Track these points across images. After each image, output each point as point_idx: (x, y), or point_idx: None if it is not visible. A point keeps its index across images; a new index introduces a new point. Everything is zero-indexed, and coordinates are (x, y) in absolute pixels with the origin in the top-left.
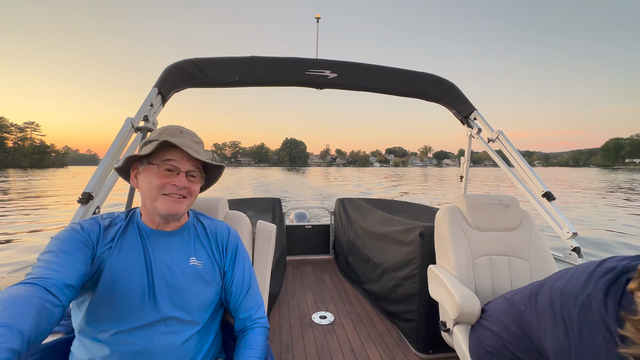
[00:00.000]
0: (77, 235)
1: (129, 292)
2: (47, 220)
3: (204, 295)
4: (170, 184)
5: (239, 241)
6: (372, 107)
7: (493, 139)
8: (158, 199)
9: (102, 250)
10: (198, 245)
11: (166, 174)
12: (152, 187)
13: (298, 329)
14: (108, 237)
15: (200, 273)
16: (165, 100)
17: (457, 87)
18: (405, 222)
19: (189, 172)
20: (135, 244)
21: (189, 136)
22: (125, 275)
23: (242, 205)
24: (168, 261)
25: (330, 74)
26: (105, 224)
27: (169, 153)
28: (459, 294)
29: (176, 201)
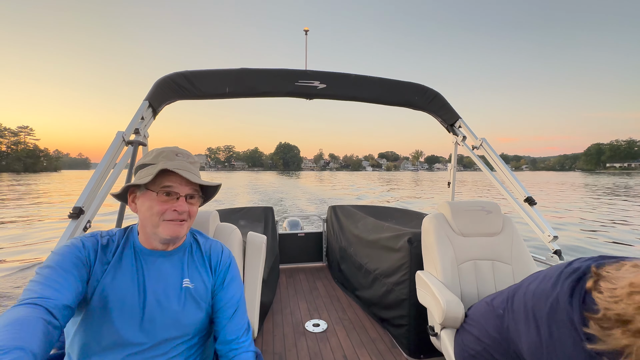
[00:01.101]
0: (78, 252)
1: (121, 315)
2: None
3: (196, 317)
4: (171, 210)
5: (232, 261)
6: (365, 112)
7: (477, 146)
8: (160, 225)
9: (98, 270)
10: (192, 266)
11: (166, 200)
12: (153, 213)
13: (291, 338)
14: (105, 257)
15: (192, 294)
16: (156, 112)
17: (442, 96)
18: (394, 228)
19: (188, 195)
20: (131, 265)
21: (185, 158)
22: (118, 297)
23: (234, 215)
24: (162, 282)
25: (319, 84)
26: (104, 242)
27: (167, 179)
28: (444, 299)
29: (177, 225)
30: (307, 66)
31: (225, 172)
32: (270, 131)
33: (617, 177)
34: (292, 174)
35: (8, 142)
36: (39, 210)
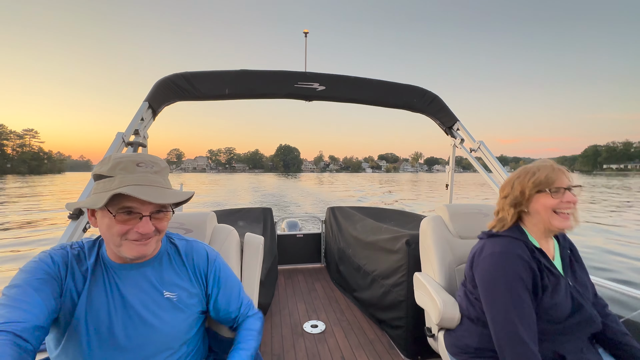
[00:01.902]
0: (47, 268)
1: (101, 335)
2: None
3: (183, 326)
4: (133, 231)
5: (218, 260)
6: (365, 114)
7: (475, 149)
8: (122, 245)
9: (71, 286)
10: (172, 274)
11: (126, 219)
12: (113, 233)
13: (290, 339)
14: (77, 273)
15: (176, 304)
16: (156, 114)
17: (441, 99)
18: (393, 230)
19: (153, 212)
20: (102, 281)
21: (148, 167)
22: (96, 316)
23: (233, 216)
24: (140, 296)
25: (318, 86)
26: (75, 255)
27: (125, 198)
28: (440, 300)
29: (143, 244)
30: (306, 68)
31: (226, 174)
32: (270, 133)
33: (612, 178)
34: (293, 176)
35: (13, 144)
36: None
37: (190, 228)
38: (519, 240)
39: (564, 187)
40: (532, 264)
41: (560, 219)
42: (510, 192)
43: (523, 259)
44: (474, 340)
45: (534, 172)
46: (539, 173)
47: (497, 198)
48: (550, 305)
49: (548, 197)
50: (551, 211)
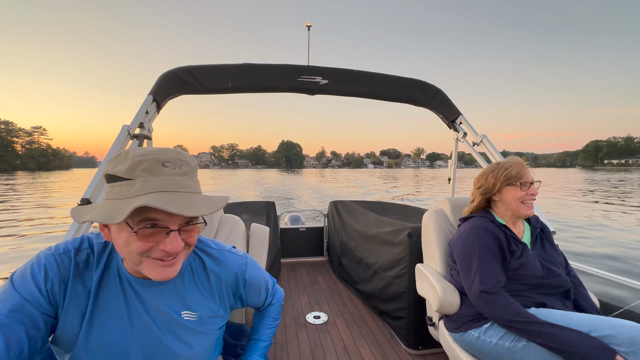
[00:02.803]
0: (37, 291)
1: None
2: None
3: (199, 350)
4: (158, 248)
5: (248, 268)
6: (367, 109)
7: (478, 143)
8: (143, 262)
9: (70, 304)
10: (193, 292)
11: (150, 234)
12: (132, 250)
13: (293, 329)
14: (80, 287)
15: (195, 327)
16: (160, 107)
17: (444, 93)
18: (395, 223)
19: (181, 224)
20: (116, 296)
21: (177, 167)
22: (104, 341)
23: (237, 209)
24: (157, 318)
25: (321, 80)
26: (80, 262)
27: (150, 209)
28: (440, 286)
29: (170, 264)
30: (309, 62)
31: (229, 170)
32: (272, 129)
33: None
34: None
35: (23, 141)
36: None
37: None
38: (486, 217)
39: (530, 181)
40: (497, 233)
41: (527, 207)
42: (484, 184)
43: (488, 230)
44: (467, 309)
45: (507, 168)
46: (511, 169)
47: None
48: (517, 265)
49: (517, 189)
50: (519, 201)
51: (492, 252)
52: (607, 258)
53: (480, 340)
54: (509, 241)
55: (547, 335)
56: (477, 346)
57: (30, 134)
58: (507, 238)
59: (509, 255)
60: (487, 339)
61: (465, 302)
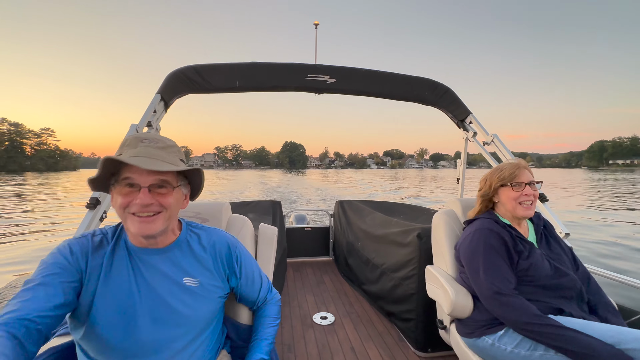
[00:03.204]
0: (64, 260)
1: (120, 319)
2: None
3: (203, 312)
4: (133, 203)
5: (239, 247)
6: (370, 110)
7: (488, 142)
8: (127, 218)
9: (90, 273)
10: (193, 262)
11: (128, 192)
12: (117, 207)
13: (299, 330)
14: (97, 260)
15: (196, 292)
16: (168, 106)
17: (453, 92)
18: (403, 224)
19: (152, 185)
20: (124, 265)
21: (152, 143)
22: (114, 301)
23: (243, 209)
24: (160, 282)
25: (329, 79)
26: (96, 243)
27: (127, 169)
28: (452, 290)
29: (146, 220)
30: (316, 60)
31: (233, 171)
32: (276, 130)
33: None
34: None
35: (32, 143)
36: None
37: (207, 217)
38: (490, 218)
39: (525, 182)
40: (502, 234)
41: (523, 209)
42: (483, 187)
43: (493, 231)
44: (481, 313)
45: (501, 170)
46: (504, 170)
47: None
48: (527, 266)
49: (510, 190)
50: (515, 202)
51: (499, 253)
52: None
53: (495, 348)
54: (515, 241)
55: (565, 339)
56: (491, 353)
57: (39, 135)
58: (513, 238)
59: (516, 256)
60: (502, 346)
61: (478, 307)
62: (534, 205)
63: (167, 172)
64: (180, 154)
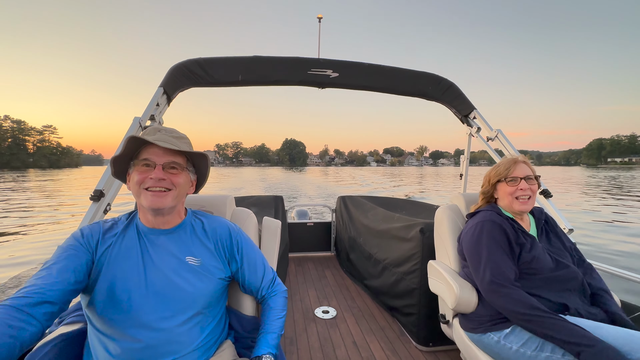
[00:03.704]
0: (77, 243)
1: (126, 293)
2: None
3: (205, 291)
4: (149, 178)
5: (241, 233)
6: (371, 107)
7: (492, 138)
8: (141, 194)
9: (100, 254)
10: (196, 243)
11: (144, 170)
12: (134, 183)
13: (302, 323)
14: (107, 241)
15: (198, 270)
16: (171, 99)
17: (457, 87)
18: (405, 219)
19: (166, 164)
20: (133, 244)
21: (167, 133)
22: (122, 277)
23: (245, 203)
24: (165, 260)
25: (332, 73)
26: (107, 227)
27: (146, 152)
28: (457, 284)
29: (158, 195)
30: (319, 55)
31: (233, 168)
32: (276, 127)
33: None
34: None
35: (34, 140)
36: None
37: (211, 210)
38: (492, 211)
39: (520, 176)
40: (504, 226)
41: (519, 203)
42: (485, 183)
43: (495, 223)
44: (485, 309)
45: (498, 166)
46: (501, 166)
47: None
48: (529, 258)
49: (506, 185)
50: (512, 197)
51: (501, 245)
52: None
53: (500, 345)
54: (517, 234)
55: (566, 331)
56: (496, 350)
57: (41, 132)
58: (515, 230)
59: (518, 248)
60: (507, 344)
61: (483, 302)
62: (532, 200)
63: (179, 155)
64: (190, 146)
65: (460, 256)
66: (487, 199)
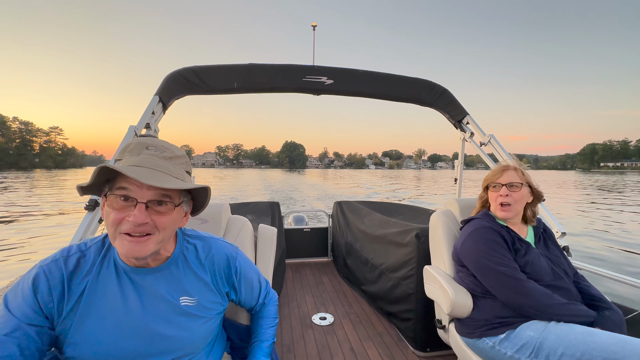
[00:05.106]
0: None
1: (109, 350)
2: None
3: (197, 333)
4: (126, 220)
5: (239, 259)
6: (370, 111)
7: (485, 143)
8: (116, 238)
9: (66, 307)
10: (191, 278)
11: (122, 206)
12: (109, 222)
13: (299, 330)
14: (75, 288)
15: (194, 312)
16: (166, 107)
17: (450, 93)
18: (401, 224)
19: (151, 201)
20: (112, 289)
21: (158, 151)
22: (101, 333)
23: (242, 209)
24: (154, 305)
25: (326, 80)
26: (71, 268)
27: (124, 179)
28: (452, 289)
29: (136, 241)
30: (314, 62)
31: (234, 170)
32: (276, 130)
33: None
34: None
35: (41, 141)
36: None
37: (206, 218)
38: (486, 218)
39: (502, 183)
40: (501, 232)
41: (500, 210)
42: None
43: (492, 229)
44: (480, 313)
45: (489, 173)
46: (490, 173)
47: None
48: (523, 263)
49: (491, 191)
50: (496, 203)
51: (502, 246)
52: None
53: (495, 350)
54: (513, 239)
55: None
56: (491, 355)
57: (48, 133)
58: (512, 237)
59: (513, 254)
60: (502, 349)
61: (478, 306)
62: (515, 208)
63: (174, 189)
64: (188, 166)
65: (455, 261)
66: (482, 204)
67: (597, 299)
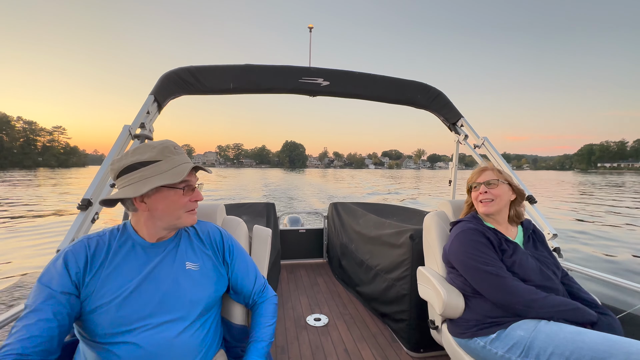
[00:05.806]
0: (59, 278)
1: (125, 308)
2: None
3: (197, 294)
4: (192, 201)
5: (232, 238)
6: (370, 111)
7: (479, 145)
8: (181, 217)
9: (90, 278)
10: (192, 249)
11: (189, 194)
12: (178, 207)
13: (293, 331)
14: (97, 261)
15: (197, 275)
16: (162, 107)
17: (445, 95)
18: (396, 225)
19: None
20: (132, 259)
21: (178, 149)
22: (120, 293)
23: (237, 210)
24: (166, 269)
25: (323, 81)
26: (93, 247)
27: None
28: (444, 290)
29: (195, 213)
30: (311, 63)
31: (234, 169)
32: (277, 130)
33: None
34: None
35: (44, 140)
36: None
37: (201, 218)
38: (474, 219)
39: (481, 182)
40: (487, 233)
41: (481, 205)
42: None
43: (478, 230)
44: (471, 313)
45: (469, 176)
46: (470, 176)
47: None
48: (510, 263)
49: (473, 192)
50: (477, 201)
51: (487, 246)
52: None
53: (486, 350)
54: (500, 241)
55: (561, 305)
56: (482, 355)
57: (51, 133)
58: (498, 238)
59: (500, 254)
60: (492, 349)
61: (469, 307)
62: (496, 204)
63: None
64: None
65: (445, 263)
66: (469, 207)
67: (589, 304)
